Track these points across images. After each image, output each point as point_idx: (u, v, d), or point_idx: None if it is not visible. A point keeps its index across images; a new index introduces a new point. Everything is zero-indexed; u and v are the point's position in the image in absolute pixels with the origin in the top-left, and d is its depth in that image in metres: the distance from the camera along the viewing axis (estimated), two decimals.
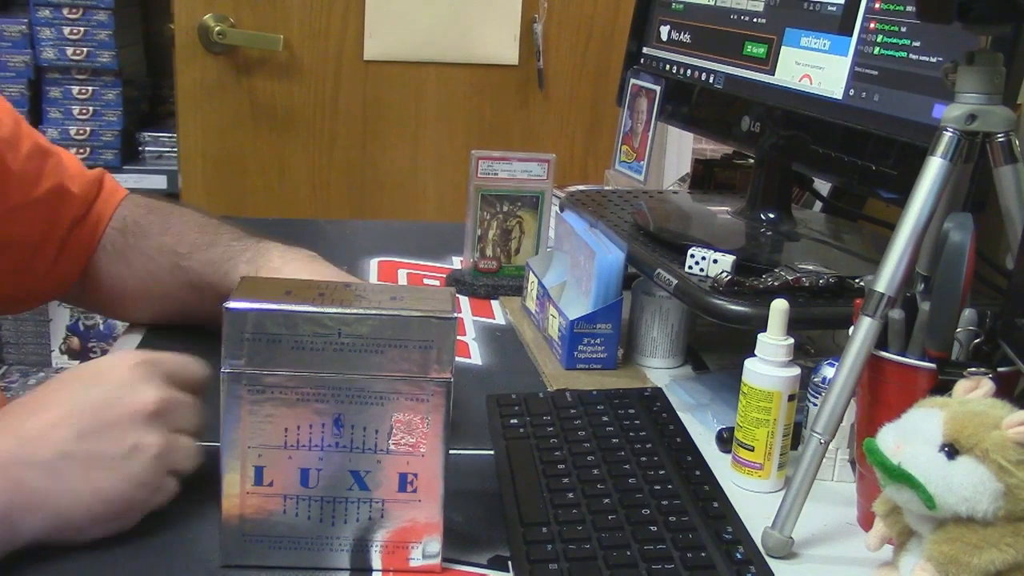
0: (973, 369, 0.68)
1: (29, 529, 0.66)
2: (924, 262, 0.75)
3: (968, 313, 0.71)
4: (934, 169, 0.72)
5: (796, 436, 0.86)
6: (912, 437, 0.63)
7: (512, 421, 0.89)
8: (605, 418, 0.90)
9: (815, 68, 1.00)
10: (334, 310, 0.65)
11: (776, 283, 0.91)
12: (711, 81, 1.15)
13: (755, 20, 1.09)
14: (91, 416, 0.68)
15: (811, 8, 1.01)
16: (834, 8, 0.98)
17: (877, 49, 0.93)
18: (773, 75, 1.05)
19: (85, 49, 2.31)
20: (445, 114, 2.21)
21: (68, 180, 1.01)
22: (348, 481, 0.67)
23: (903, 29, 0.90)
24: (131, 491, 0.69)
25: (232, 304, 0.65)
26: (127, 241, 1.02)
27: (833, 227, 1.18)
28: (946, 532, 0.62)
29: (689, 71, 1.19)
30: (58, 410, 0.69)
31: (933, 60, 0.87)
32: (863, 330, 0.72)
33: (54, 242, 1.00)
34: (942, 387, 0.69)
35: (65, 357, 2.62)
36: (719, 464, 0.85)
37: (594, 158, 2.25)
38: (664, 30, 1.25)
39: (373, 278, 1.32)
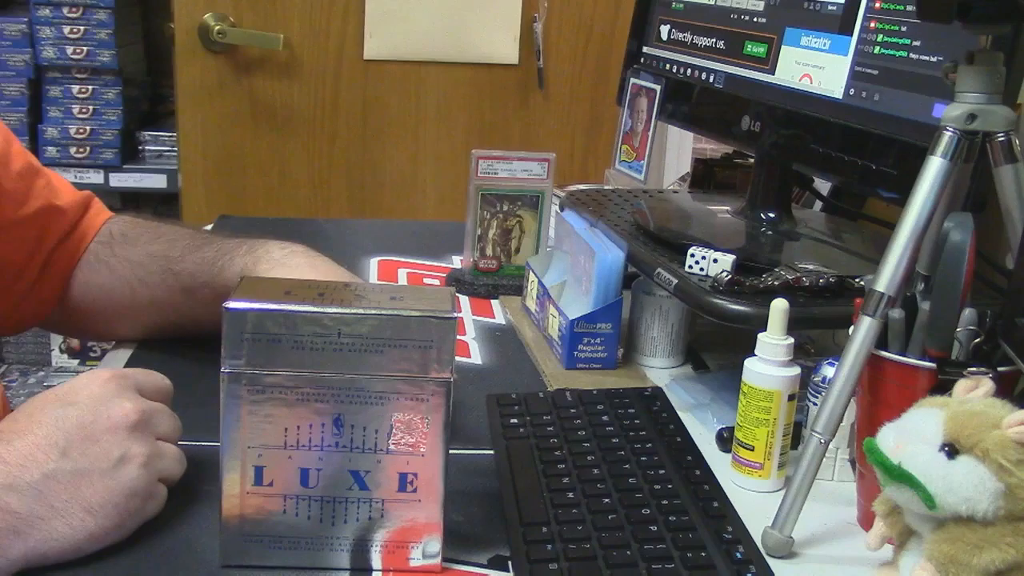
0: (973, 369, 0.68)
1: (20, 554, 0.65)
2: (924, 262, 0.75)
3: (968, 313, 0.71)
4: (934, 169, 0.72)
5: (796, 436, 0.86)
6: (912, 437, 0.63)
7: (512, 421, 0.89)
8: (605, 418, 0.90)
9: (815, 67, 1.00)
10: (334, 310, 0.65)
11: (776, 283, 0.91)
12: (711, 80, 1.15)
13: (755, 19, 1.09)
14: (74, 434, 0.68)
15: (811, 7, 1.01)
16: (834, 7, 0.98)
17: (877, 48, 0.93)
18: (773, 74, 1.05)
19: (85, 48, 2.31)
20: (445, 114, 2.21)
21: (57, 200, 1.00)
22: (348, 481, 0.67)
23: (903, 28, 0.90)
24: (124, 502, 0.68)
25: (232, 304, 0.65)
26: (113, 251, 1.01)
27: (833, 227, 1.18)
28: (946, 532, 0.62)
29: (689, 70, 1.19)
30: (39, 432, 0.68)
31: (933, 59, 0.87)
32: (863, 330, 0.72)
33: (38, 262, 0.99)
34: (942, 387, 0.69)
35: (65, 356, 2.62)
36: (719, 464, 0.85)
37: (594, 157, 2.25)
38: (664, 29, 1.25)
39: (373, 277, 1.32)
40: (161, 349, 1.02)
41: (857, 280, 0.90)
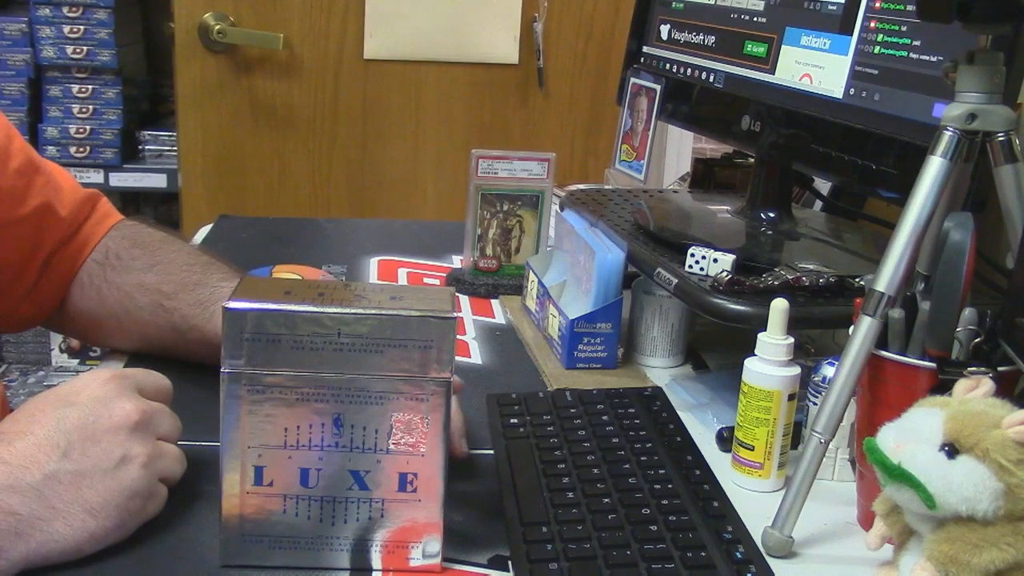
0: (973, 368, 0.68)
1: (21, 555, 0.65)
2: (924, 261, 0.75)
3: (968, 312, 0.71)
4: (934, 168, 0.72)
5: (796, 435, 0.86)
6: (912, 436, 0.63)
7: (512, 421, 0.89)
8: (605, 417, 0.90)
9: (815, 67, 1.00)
10: (334, 310, 0.65)
11: (776, 282, 0.91)
12: (711, 80, 1.15)
13: (755, 19, 1.09)
14: (75, 434, 0.68)
15: (811, 7, 1.01)
16: (834, 7, 0.98)
17: (877, 48, 0.93)
18: (773, 74, 1.05)
19: (85, 47, 2.31)
20: (445, 113, 2.21)
21: (56, 200, 0.99)
22: (348, 481, 0.67)
23: (903, 28, 0.90)
24: (124, 502, 0.68)
25: (232, 304, 0.65)
26: (105, 275, 0.99)
27: (833, 226, 1.18)
28: (946, 531, 0.62)
29: (689, 70, 1.19)
30: (40, 433, 0.68)
31: (933, 59, 0.87)
32: (863, 329, 0.72)
33: (37, 264, 0.98)
34: (942, 386, 0.69)
35: (65, 356, 2.62)
36: (719, 464, 0.85)
37: (594, 157, 2.25)
38: (664, 29, 1.25)
39: (373, 277, 1.32)
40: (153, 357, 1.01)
41: (857, 280, 0.90)
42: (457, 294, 0.90)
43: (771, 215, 1.11)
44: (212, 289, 0.94)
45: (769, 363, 0.82)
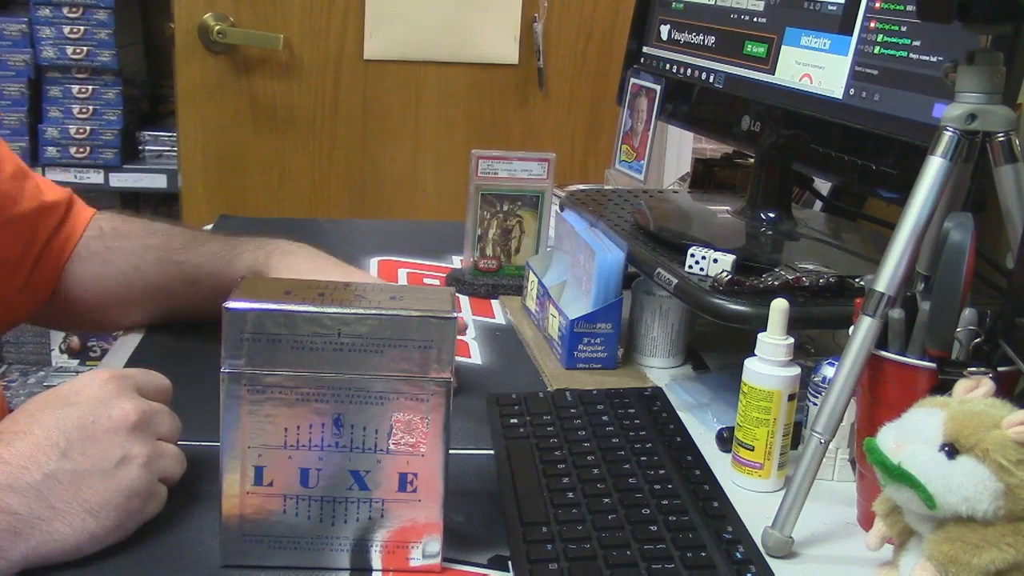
0: (973, 369, 0.68)
1: (20, 555, 0.65)
2: (924, 262, 0.75)
3: (968, 313, 0.71)
4: (934, 168, 0.72)
5: (796, 436, 0.86)
6: (912, 437, 0.63)
7: (512, 421, 0.89)
8: (605, 418, 0.90)
9: (815, 67, 1.00)
10: (334, 310, 0.65)
11: (776, 282, 0.91)
12: (711, 80, 1.15)
13: (755, 19, 1.09)
14: (75, 434, 0.68)
15: (811, 7, 1.01)
16: (834, 7, 0.98)
17: (877, 48, 0.93)
18: (773, 74, 1.05)
19: (85, 48, 2.31)
20: (445, 113, 2.21)
21: (46, 198, 1.02)
22: (348, 481, 0.67)
23: (903, 28, 0.90)
24: (124, 502, 0.69)
25: (232, 304, 0.65)
26: (105, 243, 1.02)
27: (833, 226, 1.18)
28: (946, 532, 0.62)
29: (689, 70, 1.19)
30: (39, 433, 0.68)
31: (933, 59, 0.87)
32: (863, 330, 0.72)
33: (30, 259, 1.00)
34: (942, 387, 0.69)
35: (65, 356, 2.62)
36: (719, 464, 0.85)
37: (594, 157, 2.25)
38: (664, 29, 1.25)
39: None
40: (161, 349, 1.02)
41: (857, 280, 0.90)
42: (457, 294, 0.90)
43: (771, 215, 1.11)
44: (225, 241, 0.99)
45: (769, 363, 0.82)
